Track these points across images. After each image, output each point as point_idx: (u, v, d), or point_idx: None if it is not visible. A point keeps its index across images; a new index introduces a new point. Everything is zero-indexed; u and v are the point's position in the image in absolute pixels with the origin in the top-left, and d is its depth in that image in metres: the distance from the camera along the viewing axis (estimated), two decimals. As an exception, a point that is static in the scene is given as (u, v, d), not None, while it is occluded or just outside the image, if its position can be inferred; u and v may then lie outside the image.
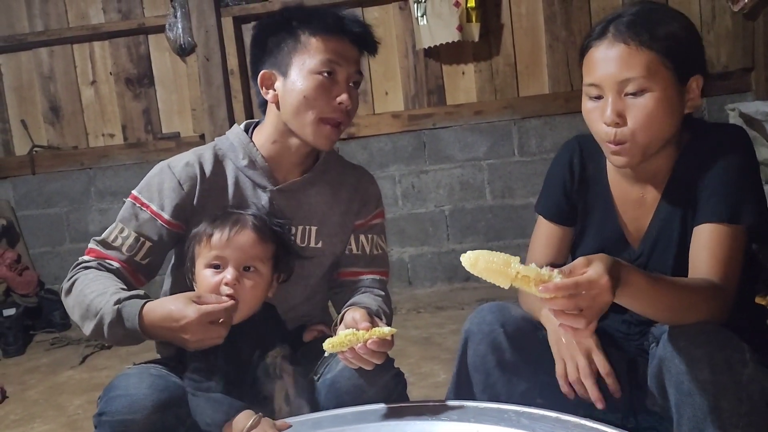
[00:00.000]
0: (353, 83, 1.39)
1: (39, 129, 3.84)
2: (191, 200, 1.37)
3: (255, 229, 1.28)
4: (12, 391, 2.78)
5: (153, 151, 3.66)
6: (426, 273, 3.68)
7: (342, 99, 1.35)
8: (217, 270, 1.27)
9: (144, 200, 1.37)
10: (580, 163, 1.38)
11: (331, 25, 1.37)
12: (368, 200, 1.52)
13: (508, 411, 1.17)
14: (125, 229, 1.36)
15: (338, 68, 1.36)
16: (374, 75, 3.66)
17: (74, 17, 3.77)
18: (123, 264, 1.35)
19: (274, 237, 1.32)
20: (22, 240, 3.80)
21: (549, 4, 3.52)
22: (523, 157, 3.58)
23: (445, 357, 2.63)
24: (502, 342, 1.29)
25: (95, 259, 1.36)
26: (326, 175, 1.47)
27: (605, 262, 1.01)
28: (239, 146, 1.41)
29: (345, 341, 1.16)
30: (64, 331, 3.63)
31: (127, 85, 3.78)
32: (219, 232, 1.27)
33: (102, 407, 1.18)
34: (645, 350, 1.30)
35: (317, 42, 1.35)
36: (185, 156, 1.41)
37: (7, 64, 3.83)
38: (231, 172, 1.41)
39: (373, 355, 1.17)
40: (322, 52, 1.35)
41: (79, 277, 1.33)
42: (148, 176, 1.40)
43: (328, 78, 1.35)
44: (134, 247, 1.35)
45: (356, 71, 1.39)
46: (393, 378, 1.30)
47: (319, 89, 1.34)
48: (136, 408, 1.14)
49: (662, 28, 1.18)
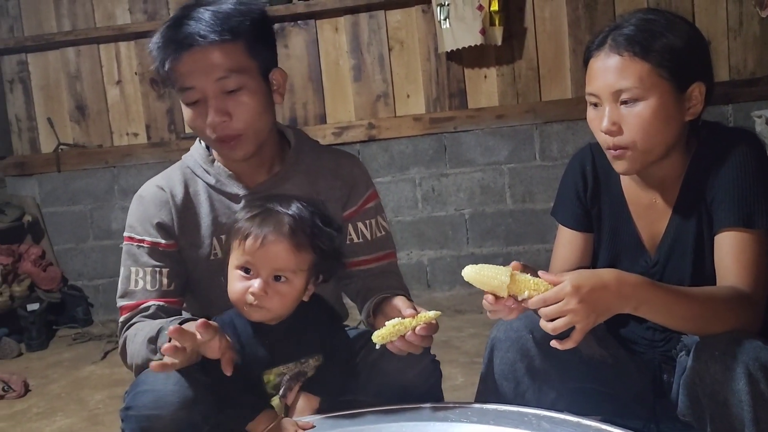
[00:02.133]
0: (229, 92, 1.25)
1: (65, 127, 3.91)
2: (171, 222, 1.35)
3: (291, 237, 1.20)
4: (35, 385, 2.82)
5: (176, 151, 3.70)
6: (445, 276, 3.67)
7: (209, 123, 1.26)
8: (246, 275, 1.22)
9: (137, 236, 1.36)
10: (592, 169, 1.39)
11: (166, 43, 1.26)
12: (354, 184, 1.43)
13: (528, 414, 1.16)
14: (137, 270, 1.33)
15: (195, 91, 1.25)
16: (396, 78, 3.67)
17: (101, 18, 3.83)
18: (156, 300, 1.32)
19: (313, 244, 1.23)
20: (47, 236, 3.86)
21: (573, 9, 3.51)
22: (545, 162, 3.56)
23: (463, 360, 2.63)
24: (531, 349, 1.27)
25: (132, 313, 1.32)
26: (300, 165, 1.40)
27: (573, 278, 1.06)
28: (202, 161, 1.38)
29: (394, 331, 1.16)
30: (86, 327, 3.68)
31: (151, 85, 3.83)
32: (253, 236, 1.20)
33: (129, 401, 1.19)
34: (670, 357, 1.29)
35: (167, 69, 1.26)
36: (155, 181, 1.39)
37: (35, 64, 3.90)
38: (201, 188, 1.38)
39: (423, 340, 1.17)
40: (176, 78, 1.26)
41: (127, 335, 1.31)
42: (129, 214, 1.39)
43: (195, 104, 1.27)
44: (156, 281, 1.33)
45: (219, 78, 1.24)
46: (431, 363, 1.33)
47: (193, 120, 1.29)
48: (163, 404, 1.14)
49: (659, 39, 1.18)
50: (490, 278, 1.09)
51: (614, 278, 1.08)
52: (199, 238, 1.36)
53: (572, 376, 1.30)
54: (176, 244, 1.36)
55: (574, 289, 1.04)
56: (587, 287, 1.05)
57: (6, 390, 2.69)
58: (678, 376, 1.21)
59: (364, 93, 3.69)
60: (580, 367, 1.30)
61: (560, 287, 1.05)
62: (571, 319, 1.04)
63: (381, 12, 3.63)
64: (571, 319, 1.04)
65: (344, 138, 3.63)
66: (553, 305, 1.05)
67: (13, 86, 3.92)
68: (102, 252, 3.84)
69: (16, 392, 2.69)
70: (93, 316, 3.81)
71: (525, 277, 1.09)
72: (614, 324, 1.40)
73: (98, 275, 3.86)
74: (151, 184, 1.39)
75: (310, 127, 3.65)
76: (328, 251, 1.26)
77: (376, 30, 3.66)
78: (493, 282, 1.09)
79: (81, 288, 3.82)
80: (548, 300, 1.05)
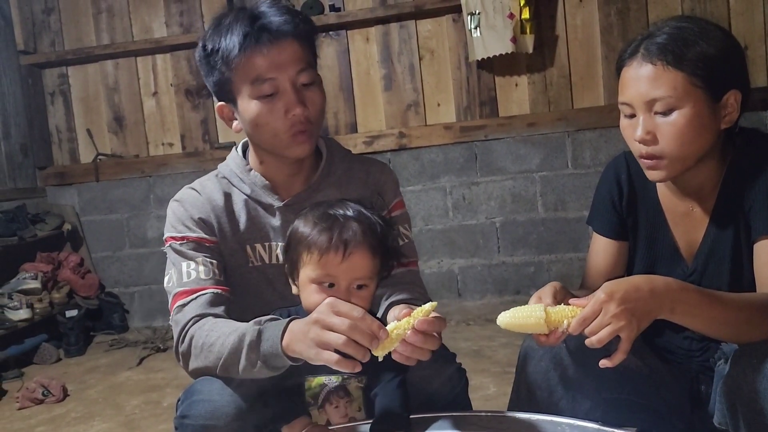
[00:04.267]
0: (303, 84, 1.28)
1: (103, 138, 4.01)
2: (211, 220, 1.34)
3: (368, 244, 1.18)
4: (73, 390, 2.89)
5: (210, 160, 3.77)
6: (476, 285, 3.66)
7: (295, 113, 1.26)
8: (329, 288, 1.17)
9: (179, 235, 1.32)
10: (627, 178, 1.37)
11: (246, 35, 1.24)
12: (383, 192, 1.42)
13: (562, 423, 1.15)
14: (188, 263, 1.28)
15: (275, 82, 1.25)
16: (426, 86, 3.68)
17: (138, 31, 3.92)
18: (213, 287, 1.27)
19: (383, 245, 1.21)
20: (85, 244, 3.95)
21: (606, 15, 3.48)
22: (577, 170, 3.53)
23: (495, 370, 2.61)
24: (564, 358, 1.26)
25: (189, 298, 1.25)
26: (331, 176, 1.41)
27: (604, 287, 1.06)
28: (239, 172, 1.38)
29: (393, 338, 1.04)
30: (122, 333, 3.76)
31: (186, 96, 3.91)
32: (334, 250, 1.16)
33: (184, 410, 1.18)
34: (708, 367, 1.26)
35: (242, 62, 1.25)
36: (190, 187, 1.38)
37: (74, 76, 4.01)
38: (238, 198, 1.37)
39: (425, 339, 1.04)
40: (251, 71, 1.25)
41: (195, 333, 1.21)
42: (168, 218, 1.36)
43: (270, 98, 1.26)
44: (209, 270, 1.28)
45: (299, 71, 1.26)
46: (456, 371, 1.30)
47: (266, 114, 1.26)
48: (219, 414, 1.14)
49: (692, 48, 1.17)
50: (526, 318, 1.07)
51: (644, 279, 1.07)
52: (234, 245, 1.36)
53: (607, 386, 1.28)
54: (218, 242, 1.34)
55: (608, 296, 1.03)
56: (620, 291, 1.04)
57: (45, 395, 2.75)
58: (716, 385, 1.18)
59: (394, 102, 3.71)
60: (614, 377, 1.28)
61: (594, 300, 1.04)
62: (614, 326, 1.02)
63: (411, 21, 3.65)
64: (615, 326, 1.02)
65: (375, 147, 3.65)
66: (594, 321, 1.03)
67: (54, 98, 4.04)
68: (137, 260, 3.92)
69: (55, 397, 2.75)
70: (129, 322, 3.89)
71: (559, 308, 1.08)
72: (650, 334, 1.38)
73: (134, 283, 3.94)
74: (186, 189, 1.39)
75: (342, 136, 3.68)
76: (392, 250, 1.25)
77: (406, 39, 3.68)
78: (530, 321, 1.07)
79: (117, 295, 3.91)
80: (587, 318, 1.04)
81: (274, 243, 1.36)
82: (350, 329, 1.00)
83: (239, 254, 1.37)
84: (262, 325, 1.12)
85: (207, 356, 1.18)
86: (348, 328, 1.00)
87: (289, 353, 1.07)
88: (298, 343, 1.05)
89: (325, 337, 1.01)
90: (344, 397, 1.25)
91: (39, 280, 3.52)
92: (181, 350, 1.22)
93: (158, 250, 3.83)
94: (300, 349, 1.05)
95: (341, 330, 1.00)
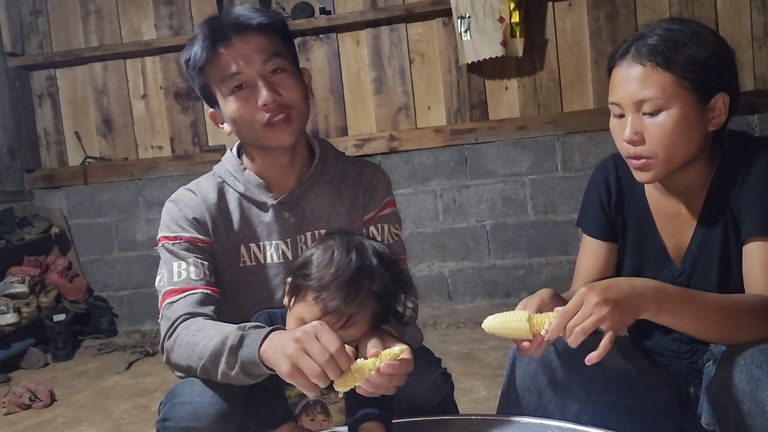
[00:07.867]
0: (272, 72, 1.30)
1: (92, 141, 3.98)
2: (205, 220, 1.35)
3: (371, 315, 1.15)
4: (61, 395, 2.86)
5: (199, 163, 3.75)
6: (466, 288, 3.66)
7: (262, 101, 1.27)
8: None
9: (172, 234, 1.33)
10: (616, 180, 1.38)
11: (205, 38, 1.29)
12: (374, 191, 1.43)
13: (551, 426, 1.15)
14: (179, 263, 1.30)
15: (242, 75, 1.28)
16: (417, 89, 3.69)
17: (128, 33, 3.91)
18: (203, 287, 1.28)
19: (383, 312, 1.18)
20: (73, 248, 3.92)
21: (595, 19, 3.50)
22: (567, 173, 3.55)
23: (485, 373, 2.61)
24: (553, 360, 1.26)
25: (179, 297, 1.26)
26: (325, 175, 1.42)
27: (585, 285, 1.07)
28: (234, 171, 1.40)
29: (356, 377, 1.03)
30: (111, 338, 3.73)
31: (176, 99, 3.89)
32: (336, 317, 1.12)
33: (166, 413, 1.19)
34: (697, 369, 1.27)
35: (208, 64, 1.30)
36: (186, 187, 1.40)
37: (63, 78, 3.99)
38: (233, 198, 1.39)
39: (390, 379, 1.05)
40: (219, 70, 1.29)
41: (180, 332, 1.22)
42: (163, 218, 1.37)
43: (241, 91, 1.29)
44: (200, 270, 1.29)
45: (264, 60, 1.29)
46: (441, 377, 1.30)
47: (241, 108, 1.29)
48: (200, 416, 1.14)
49: (682, 51, 1.18)
50: (512, 323, 1.10)
51: (624, 278, 1.09)
52: (229, 245, 1.37)
53: (596, 388, 1.28)
54: (211, 243, 1.35)
55: (589, 289, 1.05)
56: (601, 285, 1.06)
57: (33, 400, 2.73)
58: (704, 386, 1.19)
59: (385, 105, 3.71)
60: (603, 379, 1.28)
61: (575, 296, 1.05)
62: (596, 315, 1.02)
63: (402, 25, 3.66)
64: (597, 315, 1.02)
65: (365, 150, 3.65)
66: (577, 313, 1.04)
67: (42, 101, 4.02)
68: (126, 264, 3.90)
69: (43, 402, 2.73)
70: (117, 326, 3.87)
71: (543, 314, 1.11)
72: (639, 336, 1.39)
73: (122, 286, 3.91)
74: (182, 189, 1.40)
75: (332, 139, 3.67)
76: (391, 311, 1.22)
77: (397, 43, 3.68)
78: (515, 326, 1.10)
79: (106, 299, 3.88)
80: (568, 312, 1.05)
81: (268, 242, 1.37)
82: (326, 362, 1.01)
83: (232, 254, 1.37)
84: (246, 331, 1.13)
85: (190, 355, 1.18)
86: (324, 361, 1.01)
87: (265, 362, 1.08)
88: (275, 354, 1.05)
89: (302, 361, 1.01)
90: (321, 413, 1.25)
91: (26, 284, 3.49)
92: (166, 345, 1.24)
93: (147, 254, 3.81)
94: (275, 360, 1.06)
95: (317, 359, 1.01)
